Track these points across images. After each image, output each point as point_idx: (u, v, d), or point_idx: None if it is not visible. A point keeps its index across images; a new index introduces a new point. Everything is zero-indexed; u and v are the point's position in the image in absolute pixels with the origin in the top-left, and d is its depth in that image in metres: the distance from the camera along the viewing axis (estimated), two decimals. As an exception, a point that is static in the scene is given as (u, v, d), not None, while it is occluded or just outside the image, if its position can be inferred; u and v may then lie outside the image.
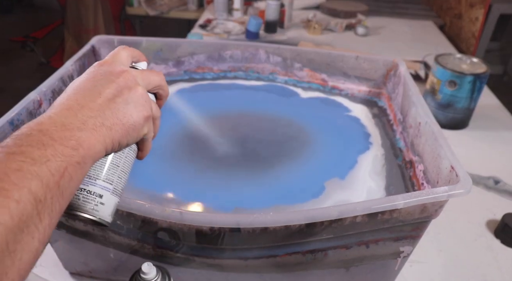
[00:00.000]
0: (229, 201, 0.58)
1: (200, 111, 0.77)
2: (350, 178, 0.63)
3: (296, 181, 0.62)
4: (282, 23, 1.61)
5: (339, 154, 0.69)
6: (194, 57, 0.85)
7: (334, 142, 0.71)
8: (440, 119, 0.96)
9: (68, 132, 0.28)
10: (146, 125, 0.35)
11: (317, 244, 0.47)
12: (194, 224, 0.42)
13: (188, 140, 0.70)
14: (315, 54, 0.84)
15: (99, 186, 0.34)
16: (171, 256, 0.49)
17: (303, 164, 0.66)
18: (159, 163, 0.64)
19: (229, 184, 0.61)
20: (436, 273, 0.63)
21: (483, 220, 0.73)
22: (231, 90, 0.85)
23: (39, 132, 0.27)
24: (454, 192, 0.44)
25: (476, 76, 0.91)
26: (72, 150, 0.28)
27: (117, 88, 0.33)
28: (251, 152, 0.68)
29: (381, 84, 0.83)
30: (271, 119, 0.77)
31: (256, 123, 0.75)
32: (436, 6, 2.04)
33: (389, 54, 1.39)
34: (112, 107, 0.32)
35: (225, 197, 0.59)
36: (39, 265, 0.61)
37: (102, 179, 0.34)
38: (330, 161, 0.67)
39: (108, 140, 0.31)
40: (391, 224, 0.47)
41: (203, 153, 0.67)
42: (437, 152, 0.55)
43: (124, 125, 0.33)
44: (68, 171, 0.27)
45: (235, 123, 0.75)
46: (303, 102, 0.82)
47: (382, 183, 0.63)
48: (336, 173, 0.64)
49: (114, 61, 0.36)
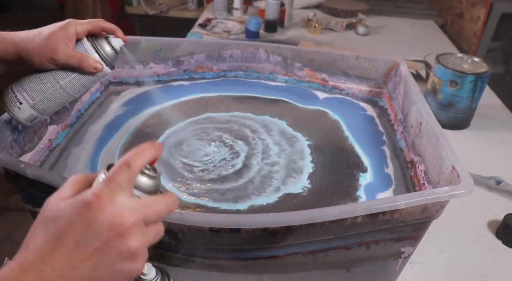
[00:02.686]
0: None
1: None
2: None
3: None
4: (282, 22, 1.60)
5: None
6: (194, 56, 0.85)
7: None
8: (441, 119, 0.95)
9: None
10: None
11: (317, 244, 0.47)
12: (194, 225, 0.42)
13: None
14: (315, 53, 0.83)
15: (23, 96, 0.49)
16: (170, 257, 0.49)
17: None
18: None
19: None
20: (437, 274, 0.63)
21: (484, 220, 0.73)
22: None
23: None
24: (456, 193, 0.44)
25: (478, 75, 0.90)
26: None
27: (104, 250, 0.27)
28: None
29: (382, 84, 0.83)
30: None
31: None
32: (437, 5, 2.03)
33: (390, 53, 1.38)
34: (94, 275, 0.27)
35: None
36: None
37: (27, 93, 0.49)
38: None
39: None
40: (392, 225, 0.46)
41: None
42: (438, 152, 0.54)
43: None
44: None
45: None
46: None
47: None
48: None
49: (112, 196, 0.28)
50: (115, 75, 0.84)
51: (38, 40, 0.48)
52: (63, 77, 0.51)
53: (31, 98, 0.50)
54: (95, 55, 0.51)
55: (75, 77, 0.51)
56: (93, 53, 0.51)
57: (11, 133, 0.56)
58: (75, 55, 0.49)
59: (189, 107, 0.79)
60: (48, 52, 0.48)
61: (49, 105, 0.51)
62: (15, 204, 1.66)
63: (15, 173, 0.46)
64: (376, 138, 0.74)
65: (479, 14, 1.67)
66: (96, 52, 0.51)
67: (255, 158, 0.66)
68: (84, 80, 0.52)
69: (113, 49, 0.53)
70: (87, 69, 0.50)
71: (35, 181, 0.45)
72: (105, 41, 0.52)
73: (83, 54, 0.50)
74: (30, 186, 0.48)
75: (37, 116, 0.51)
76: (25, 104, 0.50)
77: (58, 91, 0.51)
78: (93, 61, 0.51)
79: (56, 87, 0.50)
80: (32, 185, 0.46)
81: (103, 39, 0.52)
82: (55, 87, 0.50)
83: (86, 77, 0.52)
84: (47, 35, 0.48)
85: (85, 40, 0.51)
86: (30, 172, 0.45)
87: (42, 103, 0.51)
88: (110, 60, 0.53)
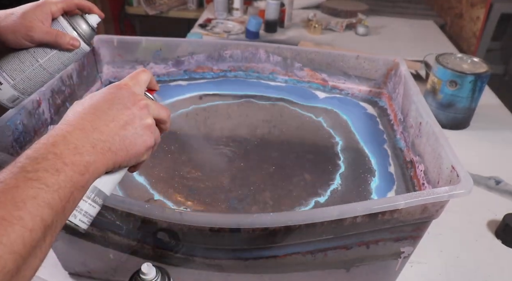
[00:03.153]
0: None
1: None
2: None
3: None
4: (282, 22, 1.60)
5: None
6: (194, 56, 0.85)
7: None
8: (441, 119, 0.95)
9: (79, 156, 0.30)
10: (146, 153, 0.37)
11: (317, 244, 0.47)
12: (194, 225, 0.42)
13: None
14: (315, 53, 0.83)
15: (3, 76, 0.49)
16: (170, 256, 0.49)
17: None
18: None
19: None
20: (437, 274, 0.63)
21: (484, 220, 0.73)
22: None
23: (54, 155, 0.29)
24: (455, 193, 0.44)
25: (477, 75, 0.90)
26: (80, 176, 0.30)
27: (130, 115, 0.35)
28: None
29: (382, 84, 0.83)
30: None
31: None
32: (437, 5, 2.03)
33: (390, 53, 1.38)
34: (122, 134, 0.34)
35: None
36: (38, 266, 0.61)
37: (7, 73, 0.49)
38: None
39: (111, 163, 0.33)
40: (391, 225, 0.46)
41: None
42: (438, 152, 0.54)
43: (128, 152, 0.34)
44: (73, 195, 0.29)
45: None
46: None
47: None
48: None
49: (133, 86, 0.37)
50: (115, 75, 0.84)
51: (11, 18, 0.47)
52: (42, 55, 0.50)
53: (11, 78, 0.50)
54: (73, 33, 0.51)
55: (54, 55, 0.51)
56: (70, 31, 0.50)
57: (11, 133, 0.56)
58: (51, 32, 0.49)
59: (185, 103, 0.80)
60: (23, 30, 0.47)
61: (29, 84, 0.51)
62: (15, 204, 1.66)
63: (15, 173, 0.46)
64: (378, 136, 0.74)
65: (478, 14, 1.67)
66: (73, 30, 0.51)
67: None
68: (63, 58, 0.52)
69: (90, 26, 0.52)
70: (65, 46, 0.50)
71: (36, 181, 0.45)
72: (81, 18, 0.52)
73: (60, 31, 0.50)
74: (31, 186, 0.48)
75: (18, 96, 0.51)
76: (5, 84, 0.50)
77: (38, 70, 0.50)
78: (70, 38, 0.50)
79: (35, 66, 0.50)
80: (33, 185, 0.46)
81: (79, 16, 0.52)
82: (34, 66, 0.50)
83: (65, 55, 0.51)
84: (21, 14, 0.47)
85: (61, 18, 0.50)
86: (30, 172, 0.45)
87: (22, 83, 0.50)
88: (87, 37, 0.52)
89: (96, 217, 0.37)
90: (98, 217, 0.45)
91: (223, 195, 0.60)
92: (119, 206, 0.42)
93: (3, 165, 0.28)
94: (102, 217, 0.45)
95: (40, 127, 0.63)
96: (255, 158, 0.68)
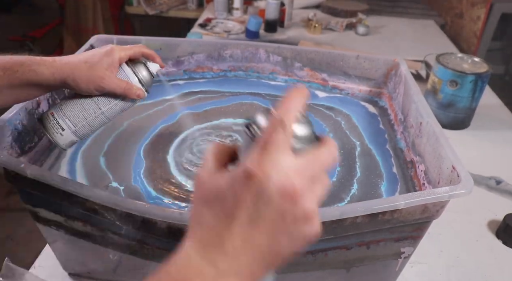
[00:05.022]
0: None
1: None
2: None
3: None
4: (282, 22, 1.60)
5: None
6: (194, 56, 0.85)
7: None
8: (441, 119, 0.95)
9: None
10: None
11: (317, 244, 0.47)
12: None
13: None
14: (315, 53, 0.83)
15: (65, 123, 0.50)
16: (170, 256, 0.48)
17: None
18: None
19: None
20: (437, 274, 0.62)
21: (484, 220, 0.73)
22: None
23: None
24: (456, 193, 0.44)
25: (478, 75, 0.90)
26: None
27: (299, 245, 0.27)
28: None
29: (382, 84, 0.83)
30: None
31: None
32: (437, 5, 2.03)
33: (390, 53, 1.38)
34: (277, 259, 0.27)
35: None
36: (37, 266, 0.61)
37: (70, 119, 0.50)
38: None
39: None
40: (392, 225, 0.46)
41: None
42: (438, 152, 0.54)
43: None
44: None
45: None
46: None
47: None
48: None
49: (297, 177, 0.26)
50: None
51: (85, 67, 0.48)
52: (105, 103, 0.51)
53: (73, 124, 0.51)
54: (135, 79, 0.52)
55: (117, 103, 0.52)
56: (132, 78, 0.52)
57: (11, 133, 0.56)
58: (121, 84, 0.50)
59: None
60: (96, 80, 0.49)
61: (89, 129, 0.52)
62: (15, 204, 1.66)
63: (15, 173, 0.46)
64: (381, 135, 0.74)
65: (479, 14, 1.67)
66: (135, 76, 0.52)
67: None
68: (124, 105, 0.53)
69: (150, 74, 0.54)
70: (131, 97, 0.52)
71: (35, 181, 0.45)
72: (143, 66, 0.53)
73: (128, 83, 0.51)
74: (30, 186, 0.48)
75: (76, 141, 0.52)
76: (67, 130, 0.51)
77: (99, 117, 0.52)
78: (137, 89, 0.52)
79: (98, 113, 0.51)
80: (32, 185, 0.46)
81: (141, 64, 0.53)
82: (97, 114, 0.51)
83: (126, 103, 0.53)
84: (94, 63, 0.49)
85: (125, 66, 0.52)
86: (30, 172, 0.45)
87: (83, 129, 0.51)
88: (147, 85, 0.54)
89: (97, 217, 0.36)
90: (98, 217, 0.45)
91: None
92: (119, 206, 0.42)
93: (2, 165, 0.28)
94: (102, 217, 0.45)
95: (40, 127, 0.63)
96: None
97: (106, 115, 0.52)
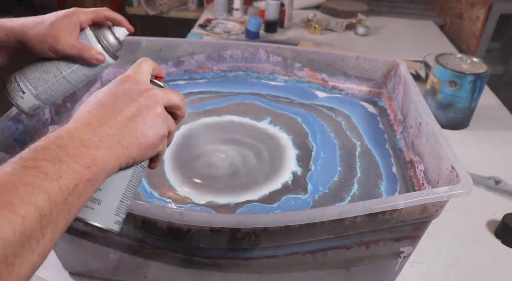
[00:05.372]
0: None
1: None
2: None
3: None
4: (282, 22, 1.60)
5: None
6: (194, 57, 0.85)
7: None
8: (440, 119, 0.95)
9: (85, 149, 0.29)
10: (161, 143, 0.36)
11: (317, 244, 0.47)
12: (193, 224, 0.42)
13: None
14: (315, 54, 0.83)
15: (26, 86, 0.49)
16: (170, 256, 0.49)
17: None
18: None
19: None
20: (437, 274, 0.63)
21: (483, 220, 0.73)
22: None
23: (57, 147, 0.28)
24: (455, 192, 0.44)
25: (477, 76, 0.90)
26: (85, 168, 0.28)
27: (137, 107, 0.34)
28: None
29: (382, 84, 0.83)
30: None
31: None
32: (437, 5, 2.03)
33: (390, 54, 1.38)
34: (131, 126, 0.33)
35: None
36: (38, 265, 0.61)
37: (30, 82, 0.49)
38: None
39: (123, 158, 0.32)
40: (391, 224, 0.47)
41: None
42: (437, 152, 0.54)
43: (140, 144, 0.33)
44: (78, 188, 0.27)
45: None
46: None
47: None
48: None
49: (136, 77, 0.37)
50: (115, 76, 0.84)
51: (40, 28, 0.47)
52: (66, 67, 0.50)
53: (34, 88, 0.50)
54: (98, 46, 0.50)
55: (78, 67, 0.51)
56: (95, 44, 0.50)
57: (12, 133, 0.56)
58: (77, 46, 0.48)
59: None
60: (49, 41, 0.47)
61: (51, 94, 0.51)
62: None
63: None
64: (380, 136, 0.74)
65: (478, 15, 1.68)
66: (98, 43, 0.50)
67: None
68: (87, 71, 0.52)
69: (117, 40, 0.52)
70: (89, 60, 0.50)
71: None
72: (109, 30, 0.52)
73: (85, 45, 0.49)
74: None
75: (39, 105, 0.52)
76: (28, 93, 0.50)
77: (61, 81, 0.51)
78: (95, 52, 0.49)
79: (58, 77, 0.50)
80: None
81: (106, 29, 0.51)
82: (57, 77, 0.50)
83: (89, 68, 0.51)
84: (49, 23, 0.47)
85: (88, 29, 0.50)
86: (31, 172, 0.45)
87: (45, 93, 0.51)
88: (113, 51, 0.52)
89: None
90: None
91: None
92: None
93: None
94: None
95: (41, 127, 0.63)
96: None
97: (68, 80, 0.51)
